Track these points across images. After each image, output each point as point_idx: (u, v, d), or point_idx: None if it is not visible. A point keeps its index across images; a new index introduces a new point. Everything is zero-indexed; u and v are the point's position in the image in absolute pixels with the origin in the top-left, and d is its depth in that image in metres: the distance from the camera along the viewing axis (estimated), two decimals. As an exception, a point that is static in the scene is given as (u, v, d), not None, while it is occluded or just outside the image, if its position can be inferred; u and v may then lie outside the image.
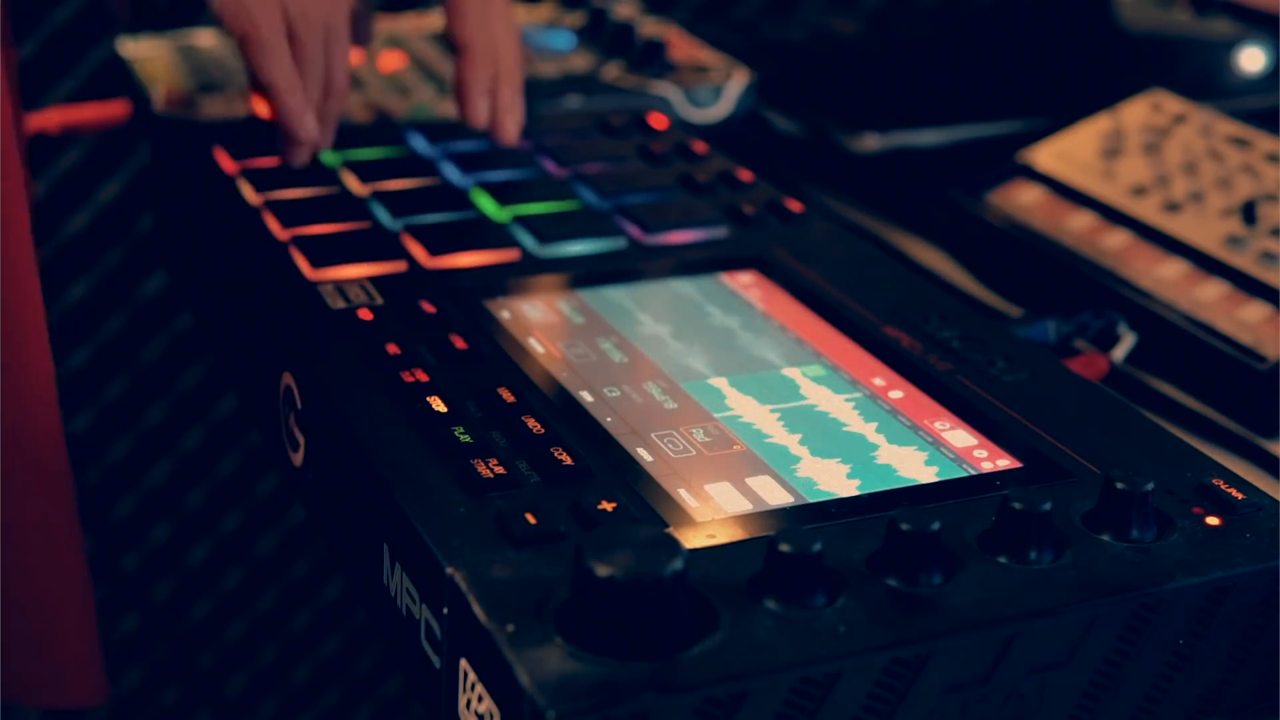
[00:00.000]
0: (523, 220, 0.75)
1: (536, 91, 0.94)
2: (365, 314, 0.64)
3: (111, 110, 0.97)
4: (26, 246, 0.67)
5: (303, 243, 0.70)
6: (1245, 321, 0.75)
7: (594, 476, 0.54)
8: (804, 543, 0.46)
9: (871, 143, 0.97)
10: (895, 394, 0.62)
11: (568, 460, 0.54)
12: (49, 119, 0.97)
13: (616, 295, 0.69)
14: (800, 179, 0.98)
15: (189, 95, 0.88)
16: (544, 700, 0.43)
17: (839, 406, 0.61)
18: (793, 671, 0.45)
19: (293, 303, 0.66)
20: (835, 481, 0.55)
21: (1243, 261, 0.79)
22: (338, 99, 0.77)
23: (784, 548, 0.46)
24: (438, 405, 0.57)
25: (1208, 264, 0.79)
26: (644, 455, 0.56)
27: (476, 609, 0.46)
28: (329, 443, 0.60)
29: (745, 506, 0.53)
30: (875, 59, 1.15)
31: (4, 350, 0.67)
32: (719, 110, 0.97)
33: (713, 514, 0.53)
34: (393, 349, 0.61)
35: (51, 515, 0.72)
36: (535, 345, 0.64)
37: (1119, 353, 0.76)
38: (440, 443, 0.55)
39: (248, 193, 0.76)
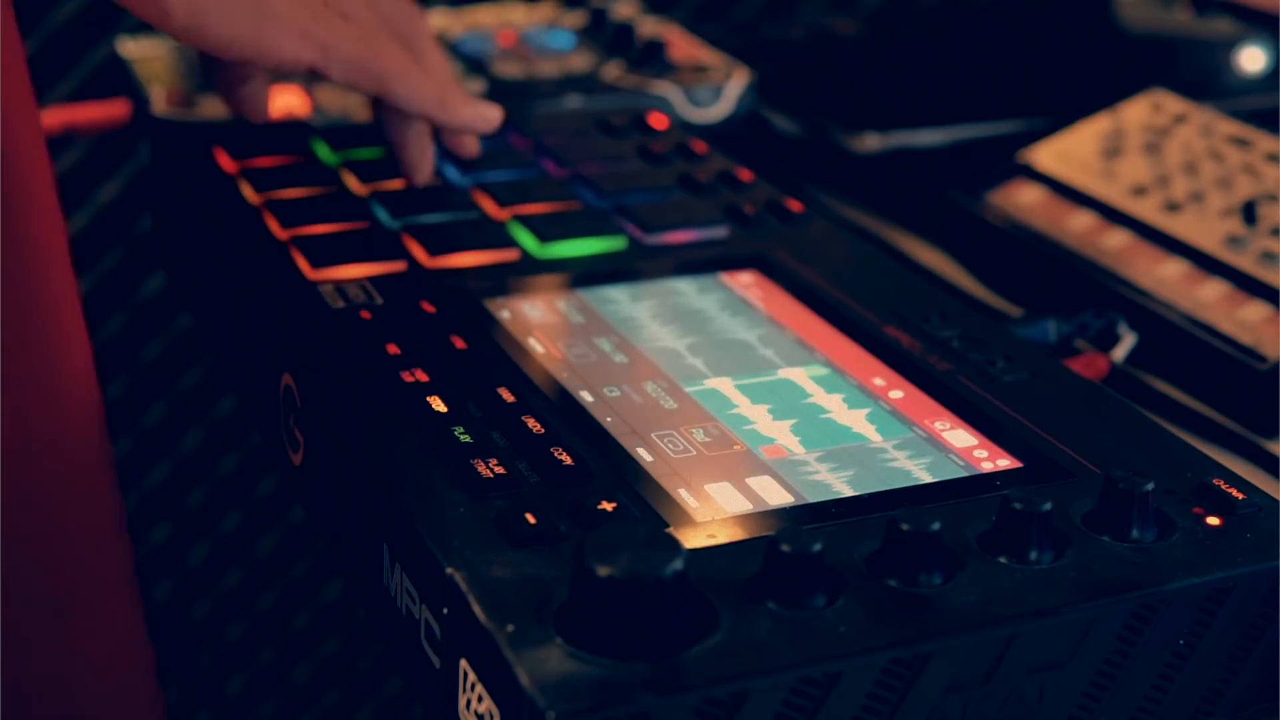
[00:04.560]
0: (523, 220, 0.75)
1: (536, 91, 0.94)
2: (365, 314, 0.64)
3: (111, 110, 0.97)
4: (63, 251, 0.66)
5: (302, 243, 0.70)
6: (1245, 321, 0.75)
7: (594, 476, 0.54)
8: (804, 543, 0.46)
9: (871, 143, 0.97)
10: (895, 394, 0.62)
11: (568, 460, 0.54)
12: (50, 119, 0.97)
13: (616, 295, 0.69)
14: (800, 179, 0.98)
15: (189, 95, 0.88)
16: (544, 700, 0.43)
17: (839, 406, 0.61)
18: (793, 671, 0.45)
19: (293, 303, 0.66)
20: (835, 481, 0.55)
21: (1243, 261, 0.79)
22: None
23: (784, 548, 0.46)
24: (438, 405, 0.57)
25: (1208, 264, 0.80)
26: (644, 455, 0.56)
27: (476, 609, 0.46)
28: (329, 443, 0.60)
29: (745, 506, 0.53)
30: (875, 59, 1.15)
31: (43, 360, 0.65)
32: (719, 110, 0.97)
33: (713, 514, 0.53)
34: (393, 349, 0.61)
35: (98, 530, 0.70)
36: (535, 345, 0.64)
37: (1119, 353, 0.76)
38: (440, 443, 0.55)
39: (248, 193, 0.76)
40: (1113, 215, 0.85)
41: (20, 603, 0.65)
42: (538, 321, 0.66)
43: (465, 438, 0.55)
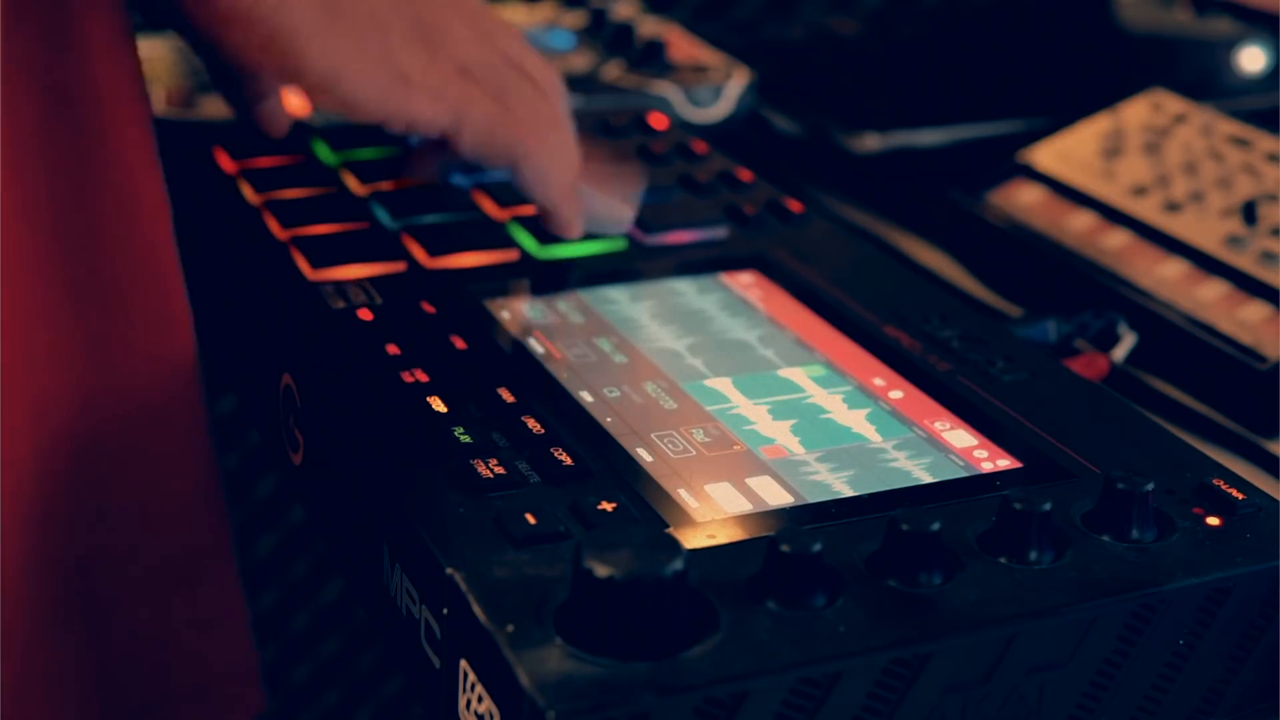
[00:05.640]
0: (523, 220, 0.75)
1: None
2: (365, 314, 0.64)
3: (111, 110, 0.97)
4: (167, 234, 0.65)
5: (303, 243, 0.70)
6: (1245, 321, 0.75)
7: (594, 476, 0.54)
8: (804, 543, 0.46)
9: (871, 143, 0.97)
10: (895, 394, 0.62)
11: (568, 460, 0.54)
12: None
13: (616, 295, 0.69)
14: (800, 179, 0.98)
15: (189, 95, 0.88)
16: (544, 700, 0.43)
17: (839, 406, 0.61)
18: (793, 671, 0.45)
19: (293, 303, 0.66)
20: (835, 481, 0.55)
21: (1243, 261, 0.79)
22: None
23: (784, 548, 0.46)
24: (438, 405, 0.57)
25: (1208, 264, 0.80)
26: (644, 455, 0.56)
27: (476, 609, 0.46)
28: (329, 443, 0.60)
29: (745, 506, 0.53)
30: (875, 59, 1.15)
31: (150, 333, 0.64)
32: (719, 110, 0.97)
33: (713, 514, 0.53)
34: (393, 349, 0.61)
35: (201, 494, 0.69)
36: (535, 345, 0.64)
37: (1119, 353, 0.76)
38: (440, 443, 0.55)
39: (248, 193, 0.76)
40: (1113, 215, 0.85)
41: (128, 571, 0.65)
42: (538, 321, 0.66)
43: (465, 438, 0.55)
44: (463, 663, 0.47)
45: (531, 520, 0.50)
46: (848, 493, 0.55)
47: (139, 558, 0.65)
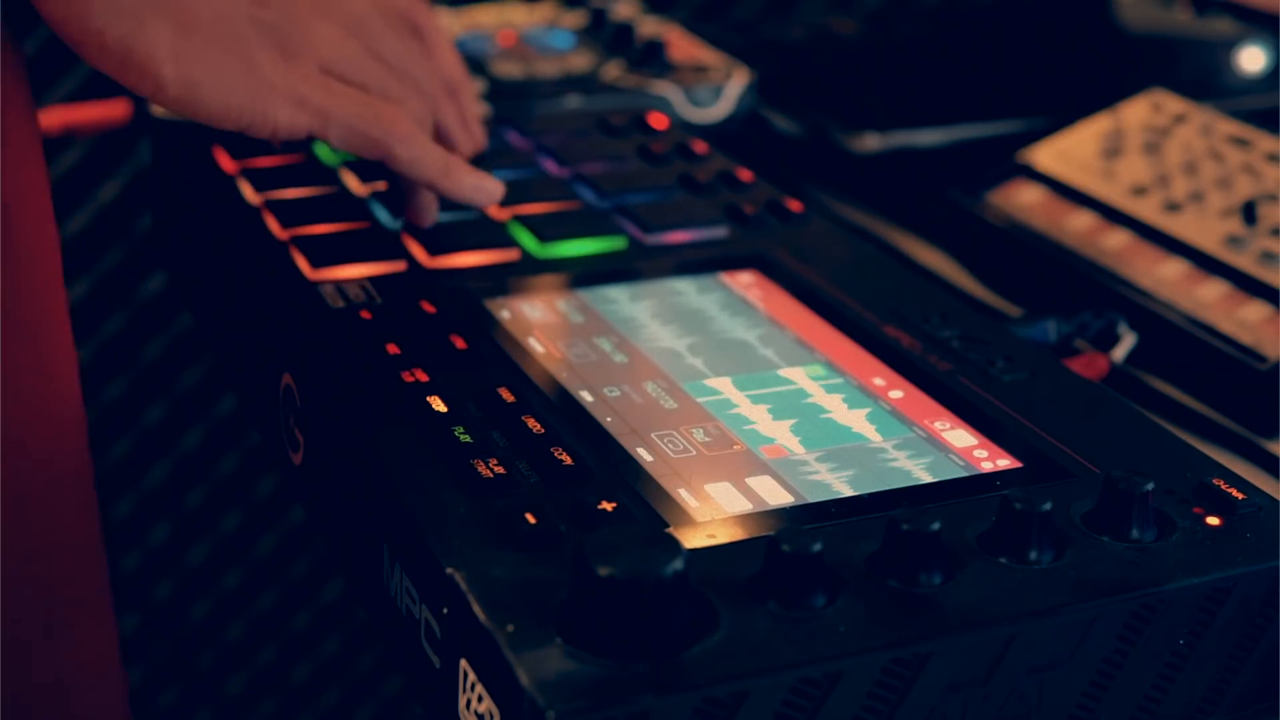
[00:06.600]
0: (523, 220, 0.75)
1: (536, 91, 0.94)
2: (365, 314, 0.64)
3: (111, 110, 0.97)
4: (54, 255, 0.65)
5: (302, 242, 0.70)
6: (1245, 321, 0.75)
7: (594, 476, 0.54)
8: (804, 543, 0.47)
9: (871, 143, 0.97)
10: (895, 394, 0.62)
11: (568, 460, 0.54)
12: (50, 119, 0.97)
13: (616, 295, 0.69)
14: (800, 179, 0.98)
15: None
16: (544, 700, 0.43)
17: (839, 406, 0.61)
18: (793, 671, 0.45)
19: (293, 303, 0.66)
20: (835, 481, 0.55)
21: (1243, 261, 0.79)
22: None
23: (784, 548, 0.47)
24: (438, 405, 0.57)
25: (1208, 264, 0.80)
26: (644, 455, 0.56)
27: (476, 609, 0.46)
28: (329, 443, 0.60)
29: (745, 506, 0.53)
30: (875, 59, 1.15)
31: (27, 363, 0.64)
32: (719, 110, 0.97)
33: (713, 514, 0.53)
34: (393, 349, 0.61)
35: (77, 536, 0.69)
36: (535, 345, 0.64)
37: (1119, 353, 0.76)
38: (440, 443, 0.55)
39: (248, 193, 0.76)
40: (1113, 215, 0.85)
41: (15, 618, 0.65)
42: (538, 321, 0.66)
43: (465, 438, 0.55)
44: (463, 662, 0.47)
45: (531, 520, 0.50)
46: (848, 492, 0.55)
47: (9, 610, 0.65)
